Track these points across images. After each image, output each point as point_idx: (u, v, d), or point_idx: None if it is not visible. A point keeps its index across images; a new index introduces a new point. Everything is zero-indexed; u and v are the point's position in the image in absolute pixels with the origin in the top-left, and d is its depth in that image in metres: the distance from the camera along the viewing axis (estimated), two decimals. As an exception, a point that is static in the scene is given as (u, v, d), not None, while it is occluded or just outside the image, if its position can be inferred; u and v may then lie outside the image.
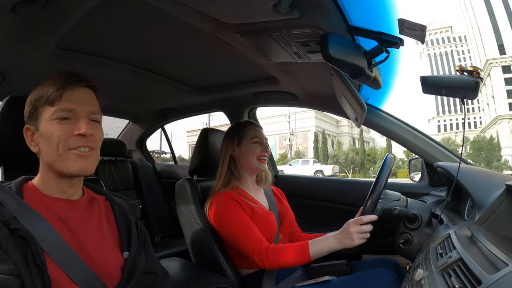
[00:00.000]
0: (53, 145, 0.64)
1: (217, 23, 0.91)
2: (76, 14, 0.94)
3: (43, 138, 0.65)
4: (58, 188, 0.67)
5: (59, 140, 0.63)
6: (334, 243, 1.02)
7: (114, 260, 0.69)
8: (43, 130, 0.65)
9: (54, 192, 0.67)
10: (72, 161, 0.64)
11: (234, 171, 1.22)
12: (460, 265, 0.62)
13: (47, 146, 0.64)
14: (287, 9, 0.76)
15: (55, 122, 0.64)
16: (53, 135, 0.64)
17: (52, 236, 0.61)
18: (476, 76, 0.78)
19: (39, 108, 0.65)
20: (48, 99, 0.64)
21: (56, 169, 0.65)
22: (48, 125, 0.64)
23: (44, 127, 0.65)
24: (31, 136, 0.67)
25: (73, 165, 0.64)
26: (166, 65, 1.45)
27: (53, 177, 0.67)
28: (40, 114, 0.65)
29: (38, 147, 0.66)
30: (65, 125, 0.64)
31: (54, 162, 0.65)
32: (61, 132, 0.64)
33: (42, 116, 0.65)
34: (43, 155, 0.67)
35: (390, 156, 1.07)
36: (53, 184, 0.67)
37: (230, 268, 1.17)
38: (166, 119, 2.32)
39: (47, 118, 0.65)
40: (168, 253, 1.86)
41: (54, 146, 0.64)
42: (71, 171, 0.65)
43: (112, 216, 0.75)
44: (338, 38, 0.79)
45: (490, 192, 0.81)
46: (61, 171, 0.65)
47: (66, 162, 0.64)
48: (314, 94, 1.56)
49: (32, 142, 0.67)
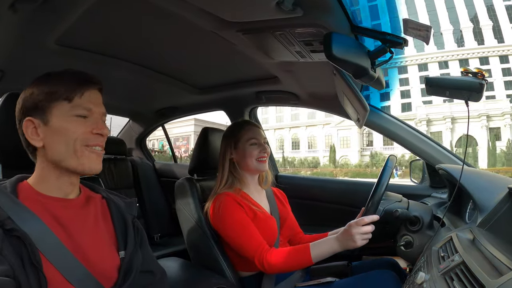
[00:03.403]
0: (68, 141, 0.64)
1: (219, 21, 0.90)
2: (76, 11, 0.93)
3: (55, 133, 0.64)
4: (56, 186, 0.66)
5: (75, 137, 0.64)
6: (336, 245, 1.01)
7: (110, 260, 0.69)
8: (57, 125, 0.64)
9: (51, 191, 0.66)
10: (88, 159, 0.65)
11: (235, 173, 1.21)
12: (462, 269, 0.61)
13: (60, 142, 0.64)
14: (290, 8, 0.75)
15: (73, 118, 0.64)
16: (69, 131, 0.64)
17: (47, 236, 0.60)
18: (480, 78, 0.78)
19: (52, 102, 0.64)
20: (65, 95, 0.64)
21: (65, 166, 0.65)
22: (63, 120, 0.64)
23: (58, 122, 0.64)
24: (33, 130, 0.65)
25: (89, 163, 0.65)
26: (167, 63, 1.44)
27: (53, 175, 0.66)
28: (51, 108, 0.64)
29: (42, 142, 0.65)
30: (82, 122, 0.65)
31: (66, 158, 0.64)
32: (78, 128, 0.64)
33: (55, 111, 0.64)
34: (49, 151, 0.65)
35: (391, 157, 1.07)
36: (51, 182, 0.66)
37: (229, 268, 1.17)
38: (166, 118, 2.31)
39: (62, 113, 0.64)
40: (167, 252, 1.86)
41: (70, 142, 0.64)
42: (85, 168, 0.65)
43: (108, 215, 0.74)
44: (341, 37, 0.78)
45: (493, 195, 0.80)
46: (72, 167, 0.65)
47: (81, 159, 0.65)
48: (315, 94, 1.55)
49: (34, 136, 0.64)
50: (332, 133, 35.82)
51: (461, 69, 0.80)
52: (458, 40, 31.62)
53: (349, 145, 34.47)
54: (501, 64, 30.21)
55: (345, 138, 34.89)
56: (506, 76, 29.96)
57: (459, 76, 0.80)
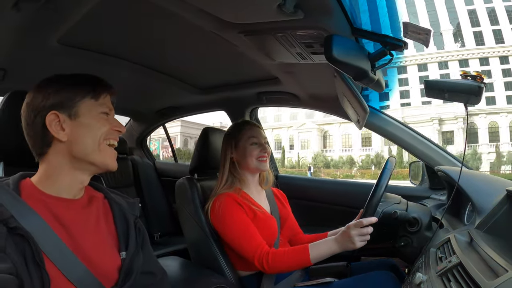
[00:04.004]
0: (95, 136, 0.68)
1: (221, 23, 0.91)
2: (79, 11, 0.94)
3: (83, 127, 0.67)
4: (65, 186, 0.67)
5: (101, 132, 0.68)
6: (335, 246, 1.02)
7: (111, 260, 0.69)
8: (87, 121, 0.68)
9: (56, 190, 0.66)
10: (109, 155, 0.70)
11: (236, 173, 1.22)
12: (459, 270, 0.62)
13: (87, 136, 0.67)
14: (291, 10, 0.75)
15: (99, 115, 0.69)
16: (95, 126, 0.68)
17: (48, 235, 0.61)
18: (479, 81, 0.78)
19: (80, 99, 0.68)
20: (93, 94, 0.69)
21: (89, 160, 0.68)
22: (94, 117, 0.69)
23: (87, 118, 0.68)
24: (57, 123, 0.66)
25: (110, 159, 0.70)
26: (168, 63, 1.45)
27: (67, 172, 0.67)
28: (80, 104, 0.68)
29: (67, 136, 0.66)
30: (105, 120, 0.71)
31: (91, 152, 0.67)
32: (103, 125, 0.69)
33: (83, 108, 0.68)
34: (75, 145, 0.66)
35: (391, 159, 1.07)
36: (61, 180, 0.66)
37: (229, 268, 1.17)
38: (167, 118, 2.32)
39: (89, 110, 0.68)
40: (167, 252, 1.86)
41: (96, 136, 0.68)
42: (107, 163, 0.70)
43: (110, 216, 0.74)
44: (342, 40, 0.78)
45: (491, 197, 0.81)
46: (97, 162, 0.68)
47: (103, 153, 0.69)
48: (316, 96, 1.56)
49: (60, 130, 0.66)
50: (294, 135, 36.64)
51: (460, 72, 0.80)
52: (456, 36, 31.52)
53: (309, 146, 35.26)
54: (501, 65, 30.18)
55: (306, 140, 35.76)
56: (506, 77, 29.92)
57: (458, 79, 0.81)
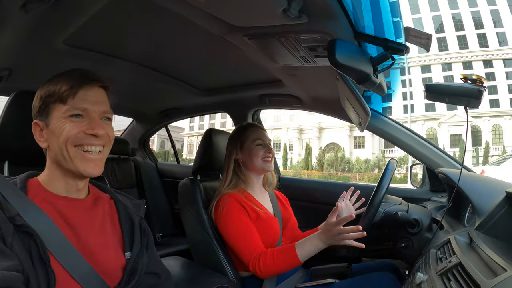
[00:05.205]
0: (60, 142, 0.64)
1: (227, 26, 0.92)
2: (85, 13, 0.95)
3: (53, 134, 0.65)
4: (64, 187, 0.68)
5: (67, 138, 0.64)
6: (320, 244, 1.04)
7: (116, 260, 0.69)
8: (53, 127, 0.65)
9: (59, 190, 0.67)
10: (81, 161, 0.65)
11: (240, 174, 1.23)
12: (459, 269, 0.63)
13: (56, 143, 0.65)
14: (296, 15, 0.77)
15: (67, 120, 0.64)
16: (63, 132, 0.64)
17: (53, 233, 0.61)
18: (479, 85, 0.80)
19: (50, 105, 0.65)
20: (60, 97, 0.65)
21: (64, 167, 0.66)
22: (59, 122, 0.64)
23: (55, 124, 0.65)
24: (39, 132, 0.67)
25: (82, 165, 0.65)
26: (172, 65, 1.46)
27: (60, 175, 0.67)
28: (51, 110, 0.65)
29: (47, 143, 0.66)
30: (76, 123, 0.65)
31: (62, 160, 0.65)
32: (71, 129, 0.64)
33: (53, 113, 0.65)
34: (51, 152, 0.67)
35: (392, 161, 1.09)
36: (59, 182, 0.67)
37: (230, 268, 1.18)
38: (169, 119, 2.33)
39: (58, 115, 0.65)
40: (169, 252, 1.87)
41: (62, 143, 0.64)
42: (80, 170, 0.65)
43: (116, 216, 0.75)
44: (345, 44, 0.80)
45: (490, 199, 0.82)
46: (69, 169, 0.65)
47: (74, 160, 0.65)
48: (318, 98, 1.57)
49: (41, 138, 0.67)
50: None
51: (461, 76, 0.82)
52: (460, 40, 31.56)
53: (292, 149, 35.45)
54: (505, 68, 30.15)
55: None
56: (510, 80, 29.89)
57: (458, 83, 0.82)
